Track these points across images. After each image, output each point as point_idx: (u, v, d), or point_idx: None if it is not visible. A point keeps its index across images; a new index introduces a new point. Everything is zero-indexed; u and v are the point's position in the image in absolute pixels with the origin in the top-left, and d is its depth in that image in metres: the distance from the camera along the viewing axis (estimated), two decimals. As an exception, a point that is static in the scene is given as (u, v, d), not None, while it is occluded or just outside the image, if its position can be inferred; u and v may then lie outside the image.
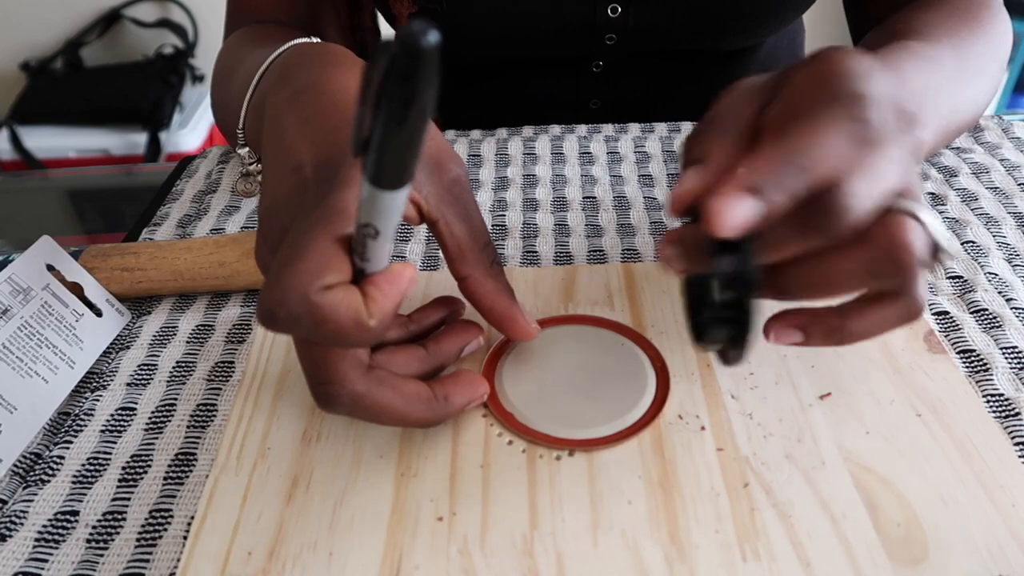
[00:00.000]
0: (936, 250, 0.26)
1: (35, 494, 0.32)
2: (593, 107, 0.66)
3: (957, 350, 0.37)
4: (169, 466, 0.33)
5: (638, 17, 0.57)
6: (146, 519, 0.31)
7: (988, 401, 0.34)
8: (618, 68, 0.63)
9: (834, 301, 0.28)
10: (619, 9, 0.56)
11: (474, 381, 0.31)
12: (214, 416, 0.36)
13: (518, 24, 0.58)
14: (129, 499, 0.32)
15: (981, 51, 0.46)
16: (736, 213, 0.23)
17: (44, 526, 0.31)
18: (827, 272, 0.26)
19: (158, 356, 0.39)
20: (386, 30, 0.65)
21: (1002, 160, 0.51)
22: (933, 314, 0.39)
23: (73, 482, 0.33)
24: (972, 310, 0.39)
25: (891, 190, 0.26)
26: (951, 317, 0.38)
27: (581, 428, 0.31)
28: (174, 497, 0.32)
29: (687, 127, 0.57)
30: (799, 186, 0.24)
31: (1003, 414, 0.33)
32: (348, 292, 0.25)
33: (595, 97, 0.66)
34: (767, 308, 0.28)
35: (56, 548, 0.30)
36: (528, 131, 0.58)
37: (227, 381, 0.37)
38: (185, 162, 0.58)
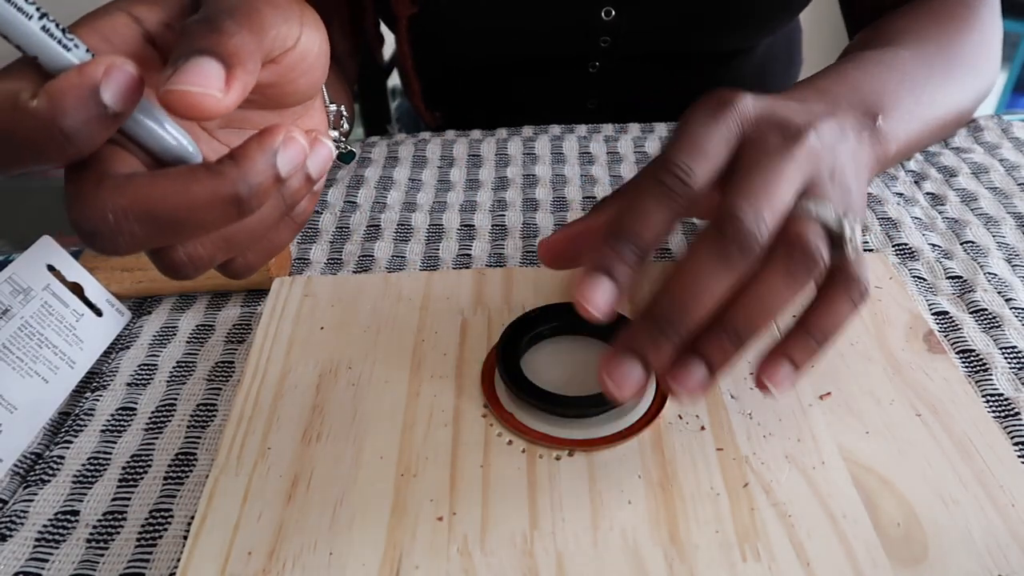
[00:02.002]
0: (836, 237, 0.28)
1: (35, 494, 0.32)
2: (590, 107, 0.66)
3: (957, 350, 0.37)
4: (169, 466, 0.33)
5: (632, 20, 0.57)
6: (146, 519, 0.31)
7: (988, 401, 0.34)
8: (614, 69, 0.63)
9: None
10: (612, 12, 0.56)
11: (284, 131, 0.23)
12: (214, 416, 0.36)
13: (513, 25, 0.58)
14: (129, 499, 0.32)
15: (955, 52, 0.46)
16: (597, 296, 0.27)
17: (44, 526, 0.31)
18: (759, 291, 0.27)
19: (158, 356, 0.39)
20: (387, 35, 0.65)
21: (1002, 160, 0.51)
22: (933, 314, 0.39)
23: (73, 482, 0.33)
24: (972, 310, 0.39)
25: (777, 202, 0.27)
26: (951, 317, 0.38)
27: (581, 428, 0.31)
28: (174, 497, 0.32)
29: (687, 127, 0.57)
30: (630, 256, 0.27)
31: (1003, 414, 0.33)
32: (1, 80, 0.21)
33: (592, 98, 0.66)
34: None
35: (56, 548, 0.30)
36: (528, 131, 0.58)
37: (227, 381, 0.37)
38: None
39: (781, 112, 0.32)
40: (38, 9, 0.20)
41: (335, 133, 0.42)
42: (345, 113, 0.41)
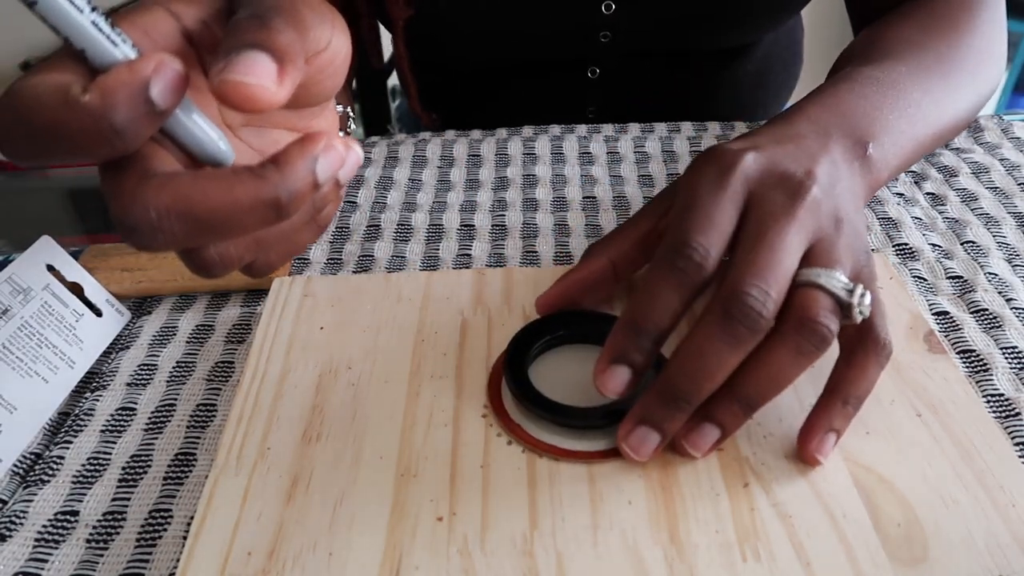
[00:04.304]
0: (845, 306, 0.29)
1: (35, 494, 0.32)
2: (590, 116, 0.66)
3: (957, 350, 0.37)
4: (169, 466, 0.33)
5: (632, 14, 0.57)
6: (146, 519, 0.31)
7: (988, 401, 0.34)
8: (614, 72, 0.63)
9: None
10: (613, 6, 0.56)
11: (325, 138, 0.23)
12: (214, 416, 0.36)
13: (512, 27, 0.58)
14: (129, 499, 0.32)
15: (955, 60, 0.46)
16: (614, 383, 0.29)
17: (44, 526, 0.31)
18: (770, 366, 0.29)
19: (158, 356, 0.39)
20: (386, 38, 0.65)
21: (1002, 160, 0.51)
22: (933, 314, 0.39)
23: (73, 482, 0.33)
24: (972, 310, 0.39)
25: (782, 275, 0.29)
26: (951, 317, 0.38)
27: (593, 440, 0.31)
28: (174, 497, 0.32)
29: (687, 127, 0.57)
30: (648, 345, 0.29)
31: (1003, 414, 0.33)
32: (48, 72, 0.21)
33: (592, 105, 0.65)
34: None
35: (56, 548, 0.30)
36: (528, 131, 0.58)
37: (227, 381, 0.37)
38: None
39: (781, 164, 0.32)
40: (89, 3, 0.21)
41: (341, 134, 0.42)
42: (351, 115, 0.41)
